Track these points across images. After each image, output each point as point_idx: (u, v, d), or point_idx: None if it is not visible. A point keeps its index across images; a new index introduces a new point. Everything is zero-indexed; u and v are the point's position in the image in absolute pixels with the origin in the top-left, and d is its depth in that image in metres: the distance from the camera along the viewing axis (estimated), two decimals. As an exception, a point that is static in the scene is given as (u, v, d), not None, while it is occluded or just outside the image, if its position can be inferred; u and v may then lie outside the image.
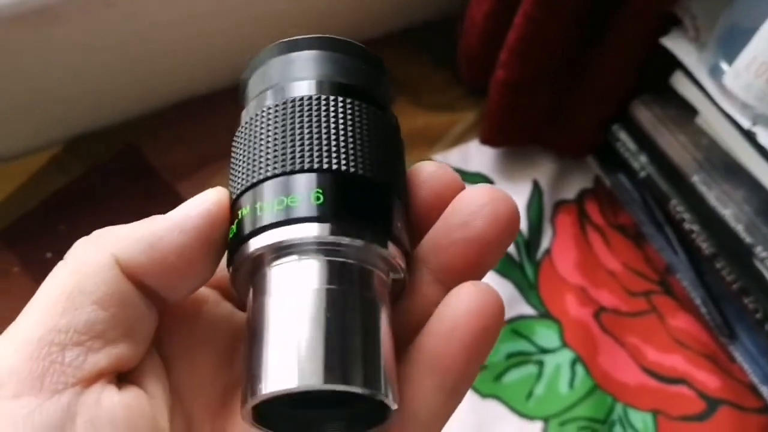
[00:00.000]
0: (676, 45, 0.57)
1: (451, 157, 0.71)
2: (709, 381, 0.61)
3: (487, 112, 0.66)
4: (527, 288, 0.65)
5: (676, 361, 0.62)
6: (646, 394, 0.60)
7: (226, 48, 0.67)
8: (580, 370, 0.61)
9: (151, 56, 0.65)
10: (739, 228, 0.56)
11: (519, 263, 0.66)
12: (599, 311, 0.64)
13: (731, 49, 0.52)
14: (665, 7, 0.57)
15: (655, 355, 0.62)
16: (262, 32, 0.67)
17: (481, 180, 0.70)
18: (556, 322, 0.63)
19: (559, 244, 0.67)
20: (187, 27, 0.64)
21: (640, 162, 0.64)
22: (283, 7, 0.68)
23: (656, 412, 0.59)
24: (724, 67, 0.53)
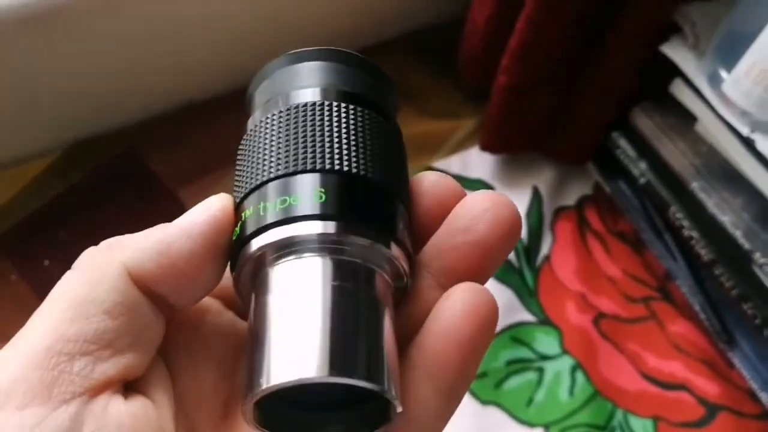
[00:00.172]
0: (676, 52, 0.57)
1: (452, 164, 0.71)
2: (709, 387, 0.61)
3: (488, 117, 0.67)
4: (527, 294, 0.65)
5: (675, 368, 0.62)
6: (646, 401, 0.60)
7: (227, 54, 0.68)
8: (580, 377, 0.61)
9: (152, 62, 0.65)
10: (738, 234, 0.56)
11: (519, 270, 0.66)
12: (599, 318, 0.64)
13: (730, 57, 0.52)
14: (666, 15, 0.57)
15: (654, 362, 0.62)
16: (263, 39, 0.67)
17: (481, 187, 0.70)
18: (556, 329, 0.63)
19: (559, 251, 0.67)
20: (187, 33, 0.65)
21: (640, 169, 0.64)
22: (283, 15, 0.68)
23: (656, 419, 0.59)
24: (723, 74, 0.53)
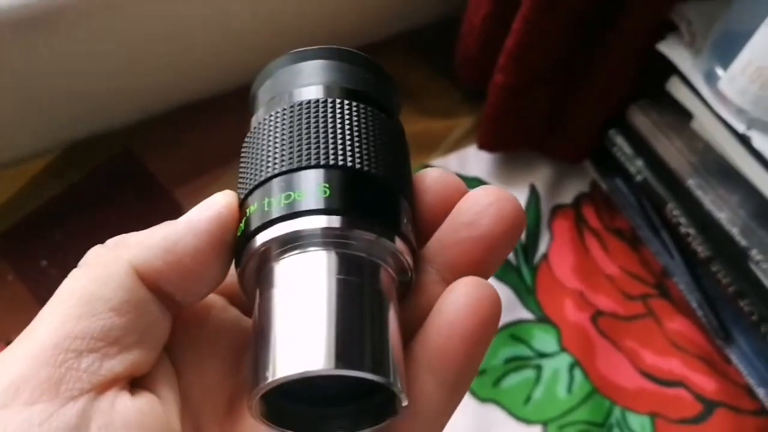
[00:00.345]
0: (672, 51, 0.57)
1: (449, 163, 0.71)
2: (706, 383, 0.61)
3: (485, 116, 0.67)
4: (525, 292, 0.65)
5: (673, 364, 0.62)
6: (643, 398, 0.60)
7: (225, 53, 0.68)
8: (578, 374, 0.61)
9: (149, 63, 0.65)
10: (735, 231, 0.56)
11: (516, 267, 0.66)
12: (597, 315, 0.64)
13: (726, 55, 0.52)
14: (662, 14, 0.57)
15: (652, 359, 0.62)
16: (261, 38, 0.67)
17: (478, 185, 0.69)
18: (554, 327, 0.63)
19: (557, 249, 0.67)
20: (185, 34, 0.64)
21: (637, 166, 0.65)
22: (281, 14, 0.68)
23: (654, 415, 0.60)
24: (719, 72, 0.54)
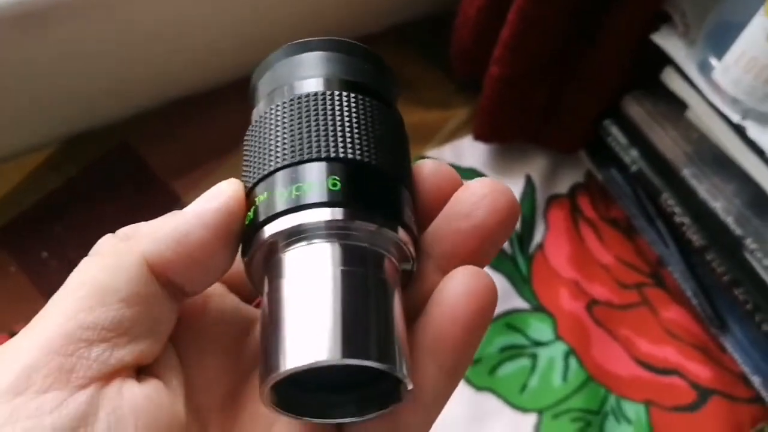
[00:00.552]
0: (666, 41, 0.58)
1: (445, 153, 0.71)
2: (701, 371, 0.61)
3: (480, 107, 0.67)
4: (520, 282, 0.65)
5: (668, 353, 0.62)
6: (638, 386, 0.61)
7: (221, 47, 0.68)
8: (574, 363, 0.62)
9: (146, 56, 0.65)
10: (729, 220, 0.56)
11: (512, 257, 0.67)
12: (592, 304, 0.64)
13: (720, 45, 0.53)
14: (657, 5, 0.57)
15: (647, 347, 0.63)
16: (257, 32, 0.67)
17: (474, 175, 0.70)
18: (550, 316, 0.64)
19: (552, 238, 0.68)
20: (181, 27, 0.65)
21: (632, 156, 0.65)
22: (276, 7, 0.68)
23: (649, 403, 0.60)
24: (714, 62, 0.54)
